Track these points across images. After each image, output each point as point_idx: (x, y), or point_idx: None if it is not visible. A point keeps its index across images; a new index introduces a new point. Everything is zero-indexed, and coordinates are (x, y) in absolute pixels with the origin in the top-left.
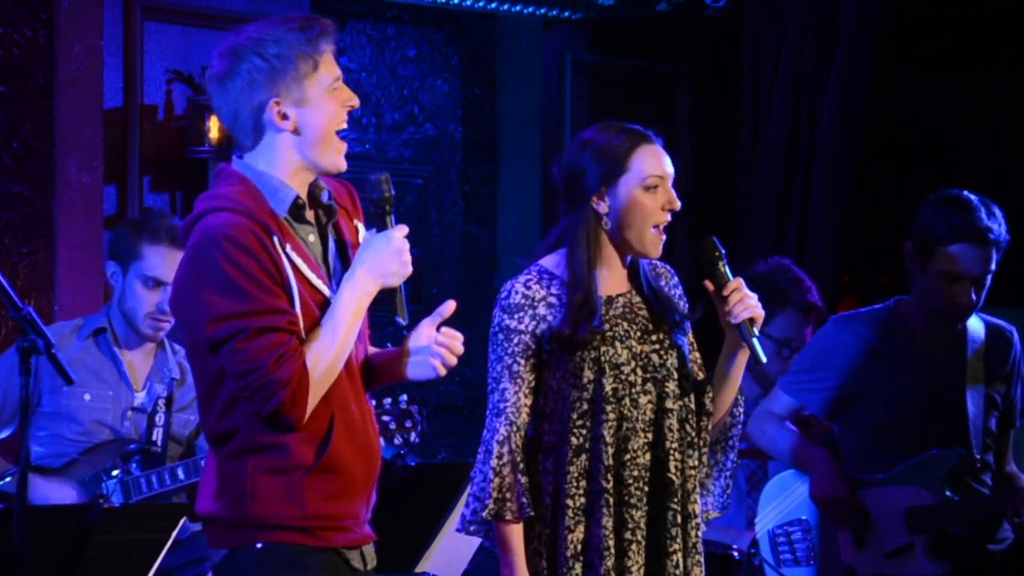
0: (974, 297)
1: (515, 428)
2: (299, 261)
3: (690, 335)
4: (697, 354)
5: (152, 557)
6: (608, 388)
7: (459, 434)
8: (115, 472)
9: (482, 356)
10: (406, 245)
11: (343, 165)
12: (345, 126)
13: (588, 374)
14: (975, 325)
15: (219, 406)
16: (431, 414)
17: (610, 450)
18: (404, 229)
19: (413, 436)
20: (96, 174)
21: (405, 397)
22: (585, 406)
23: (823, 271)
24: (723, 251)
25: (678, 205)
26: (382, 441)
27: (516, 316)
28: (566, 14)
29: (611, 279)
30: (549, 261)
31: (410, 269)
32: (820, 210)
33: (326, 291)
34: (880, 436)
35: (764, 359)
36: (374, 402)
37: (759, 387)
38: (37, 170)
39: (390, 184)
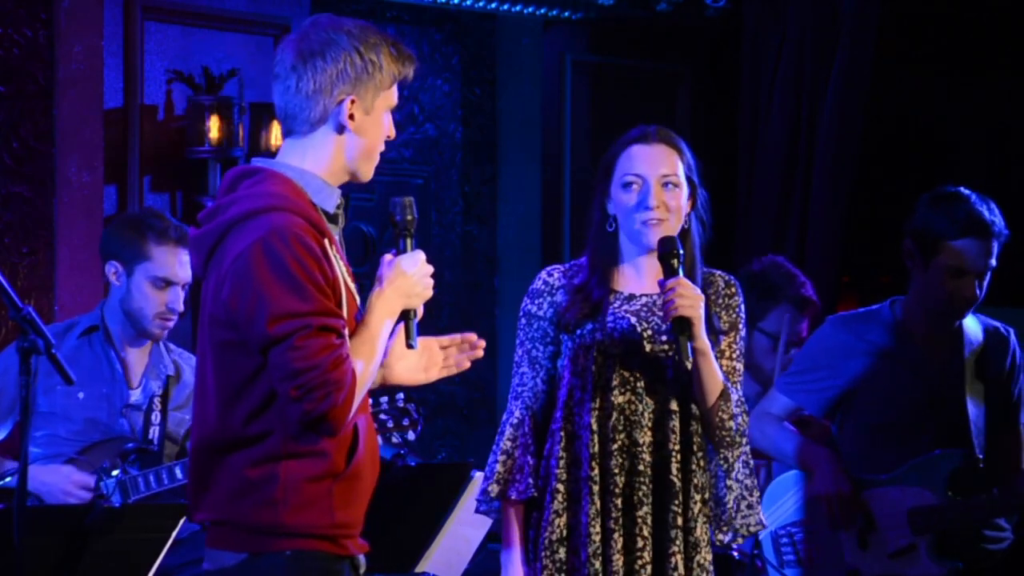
0: (976, 291)
1: (530, 412)
2: (344, 268)
3: (723, 344)
4: (731, 363)
5: (152, 557)
6: (597, 377)
7: (459, 434)
8: (114, 472)
9: (481, 356)
10: (430, 269)
11: (370, 177)
12: (382, 150)
13: (583, 362)
14: (972, 326)
15: (247, 409)
16: (431, 414)
17: (596, 438)
18: (423, 254)
19: (411, 435)
20: (96, 174)
21: (402, 395)
22: (579, 394)
23: (823, 271)
24: (680, 250)
25: (651, 203)
26: (380, 440)
27: (536, 302)
28: (566, 14)
29: (635, 277)
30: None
31: (431, 292)
32: (820, 210)
33: (358, 299)
34: (878, 436)
35: (689, 362)
36: (371, 400)
37: (758, 385)
38: (37, 170)
39: (414, 208)
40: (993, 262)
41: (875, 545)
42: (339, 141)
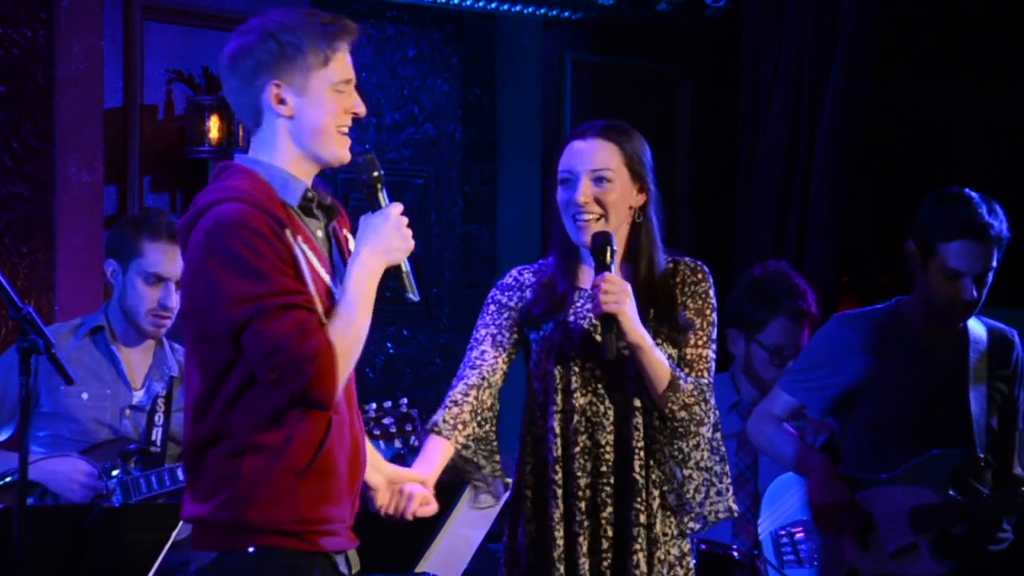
0: (975, 293)
1: (487, 384)
2: (309, 253)
3: (692, 339)
4: (696, 350)
5: (152, 557)
6: (558, 378)
7: None
8: (115, 472)
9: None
10: (404, 220)
11: (346, 157)
12: (346, 128)
13: (545, 365)
14: (977, 328)
15: (223, 401)
16: (431, 414)
17: (559, 441)
18: (399, 206)
19: (413, 439)
20: (96, 174)
21: (405, 400)
22: (542, 397)
23: (823, 271)
24: (613, 248)
25: (578, 198)
26: (382, 443)
27: (506, 294)
28: (566, 14)
29: (591, 274)
30: None
31: (412, 243)
32: (820, 210)
33: (330, 284)
34: (881, 434)
35: (612, 355)
36: (374, 404)
37: (757, 391)
38: (37, 170)
39: (377, 163)
40: (994, 264)
41: (876, 544)
42: (283, 127)
